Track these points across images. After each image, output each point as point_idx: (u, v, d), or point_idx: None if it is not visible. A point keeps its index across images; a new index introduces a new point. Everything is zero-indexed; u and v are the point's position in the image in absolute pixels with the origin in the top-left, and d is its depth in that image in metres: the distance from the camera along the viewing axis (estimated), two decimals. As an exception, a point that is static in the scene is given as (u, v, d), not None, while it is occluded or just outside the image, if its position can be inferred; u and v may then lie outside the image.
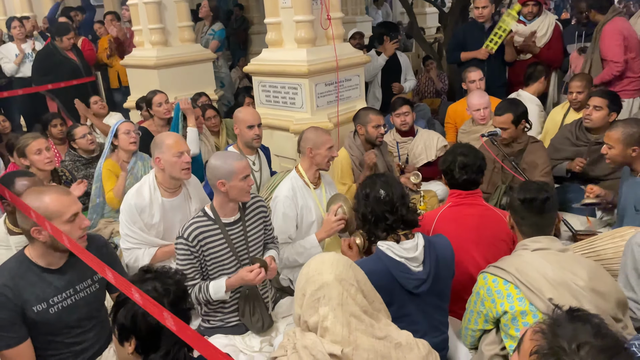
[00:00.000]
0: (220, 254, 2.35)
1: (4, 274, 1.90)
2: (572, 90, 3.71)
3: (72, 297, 1.99)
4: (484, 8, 4.59)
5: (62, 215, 1.88)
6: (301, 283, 1.60)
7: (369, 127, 3.38)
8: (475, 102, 3.85)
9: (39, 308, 1.91)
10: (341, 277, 1.55)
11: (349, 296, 1.53)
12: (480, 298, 1.96)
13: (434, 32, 10.00)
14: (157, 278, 1.50)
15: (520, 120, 3.20)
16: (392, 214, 1.99)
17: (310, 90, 3.79)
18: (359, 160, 3.44)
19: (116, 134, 3.43)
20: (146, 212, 2.70)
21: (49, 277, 1.95)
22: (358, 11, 9.74)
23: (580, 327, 1.15)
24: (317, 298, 1.53)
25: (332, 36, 3.93)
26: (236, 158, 2.33)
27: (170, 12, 5.05)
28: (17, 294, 1.87)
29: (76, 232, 1.92)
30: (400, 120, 3.93)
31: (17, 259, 1.97)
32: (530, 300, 1.82)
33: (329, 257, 1.62)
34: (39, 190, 1.93)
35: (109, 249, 2.22)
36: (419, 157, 3.92)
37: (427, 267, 1.98)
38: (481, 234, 2.36)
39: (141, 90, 4.88)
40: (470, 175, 2.42)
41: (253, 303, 2.39)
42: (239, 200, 2.39)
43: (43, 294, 1.92)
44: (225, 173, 2.26)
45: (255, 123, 3.24)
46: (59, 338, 1.98)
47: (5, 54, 5.55)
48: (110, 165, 3.42)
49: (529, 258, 1.90)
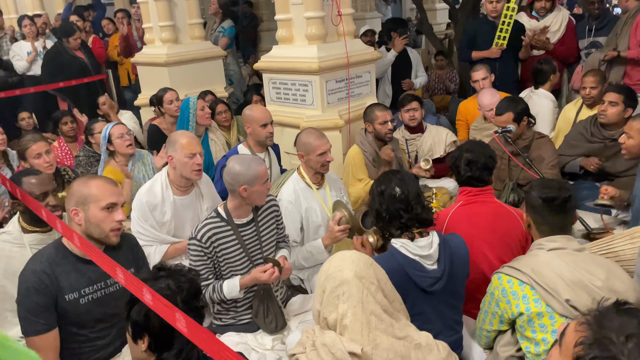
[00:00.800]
0: (233, 255, 2.35)
1: (43, 261, 1.93)
2: (586, 85, 3.65)
3: (102, 290, 2.01)
4: (498, 2, 4.52)
5: (99, 201, 1.91)
6: (321, 279, 1.60)
7: (376, 124, 3.39)
8: (486, 102, 3.81)
9: (70, 297, 1.93)
10: (361, 274, 1.54)
11: (369, 294, 1.52)
12: (495, 299, 1.93)
13: (444, 28, 9.92)
14: (170, 276, 1.49)
15: (522, 117, 3.18)
16: (407, 212, 1.97)
17: (320, 87, 3.77)
18: (372, 157, 3.43)
19: (110, 140, 3.39)
20: (158, 209, 2.71)
21: (83, 267, 1.97)
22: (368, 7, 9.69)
23: (627, 319, 1.13)
24: (337, 295, 1.52)
25: (342, 32, 3.91)
26: (257, 163, 2.32)
27: (180, 9, 5.05)
28: (54, 280, 1.89)
29: (110, 222, 1.94)
30: (408, 115, 3.91)
31: (54, 246, 2.00)
32: (547, 302, 1.79)
33: (350, 254, 1.62)
34: (90, 177, 1.98)
35: (140, 249, 2.25)
36: (428, 153, 3.89)
37: (441, 265, 1.96)
38: (494, 233, 2.33)
39: (151, 88, 4.88)
40: (474, 172, 2.39)
41: (267, 304, 2.38)
42: (256, 204, 2.39)
43: (77, 283, 1.94)
44: (249, 179, 2.26)
45: (268, 121, 3.24)
46: (84, 331, 1.99)
47: (18, 52, 5.58)
48: (110, 173, 3.36)
49: (545, 258, 1.87)
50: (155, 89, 4.47)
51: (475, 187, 2.42)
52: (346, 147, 3.95)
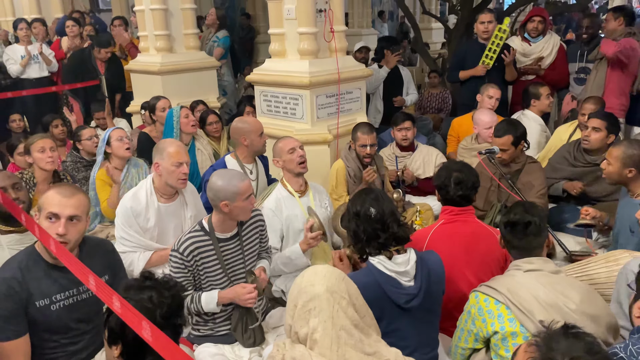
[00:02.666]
0: (212, 270, 2.35)
1: (14, 267, 1.92)
2: (584, 112, 3.69)
3: (74, 297, 2.00)
4: (489, 23, 4.60)
5: (61, 215, 1.88)
6: (294, 293, 1.60)
7: (357, 145, 3.47)
8: (486, 119, 3.83)
9: (41, 303, 1.92)
10: (333, 289, 1.55)
11: (340, 309, 1.53)
12: (472, 317, 1.95)
13: (439, 47, 10.06)
14: (155, 288, 1.49)
15: (520, 141, 3.20)
16: (384, 231, 1.98)
17: (311, 101, 3.80)
18: (354, 172, 3.48)
19: (108, 142, 3.40)
20: (142, 215, 2.71)
21: (54, 273, 1.96)
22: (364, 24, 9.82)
23: (574, 342, 1.18)
24: (309, 309, 1.53)
25: (335, 49, 3.95)
26: (240, 178, 2.32)
27: (176, 19, 5.08)
28: (24, 286, 1.89)
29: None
30: (401, 135, 3.94)
31: (26, 252, 1.99)
32: (521, 322, 1.82)
33: (322, 269, 1.62)
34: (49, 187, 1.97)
35: (116, 256, 2.24)
36: (417, 171, 3.93)
37: (418, 282, 1.97)
38: (473, 252, 2.35)
39: (144, 96, 4.89)
40: (465, 191, 2.41)
41: (246, 320, 2.37)
42: (240, 219, 2.39)
43: (48, 289, 1.93)
44: (229, 194, 2.25)
45: (262, 129, 3.31)
46: (56, 337, 1.98)
47: (11, 55, 5.58)
48: (103, 176, 3.39)
49: (521, 279, 1.90)
50: (148, 96, 4.49)
51: (458, 207, 2.43)
52: (334, 162, 3.97)
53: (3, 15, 8.06)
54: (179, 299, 1.53)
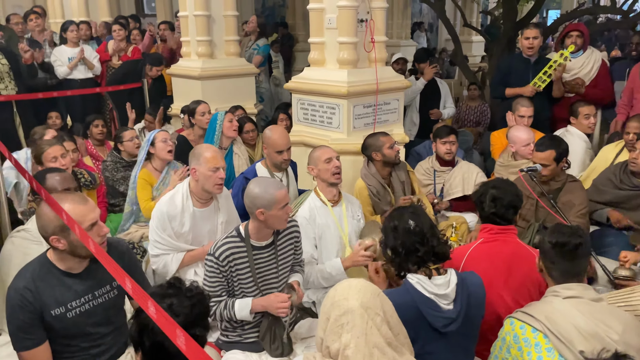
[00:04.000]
0: (244, 277, 2.35)
1: (27, 276, 1.92)
2: (629, 130, 3.57)
3: (90, 302, 2.00)
4: (535, 39, 4.46)
5: (80, 224, 1.88)
6: (326, 306, 1.57)
7: (385, 150, 3.33)
8: (524, 136, 3.72)
9: (57, 312, 1.92)
10: (367, 305, 1.51)
11: (373, 326, 1.49)
12: (507, 345, 1.87)
13: (479, 60, 9.92)
14: (176, 296, 1.48)
15: (562, 158, 3.11)
16: (423, 245, 1.93)
17: (348, 111, 3.78)
18: (377, 189, 3.36)
19: (153, 142, 3.49)
20: (177, 220, 2.74)
21: (68, 281, 1.96)
22: (403, 35, 9.77)
23: None
24: (341, 324, 1.49)
25: (374, 59, 3.93)
26: (276, 187, 2.30)
27: (218, 25, 5.17)
28: (37, 297, 1.88)
29: (95, 239, 1.92)
30: (445, 148, 3.79)
31: (39, 261, 1.99)
32: (560, 352, 1.73)
33: (357, 283, 1.58)
34: (58, 198, 1.93)
35: (130, 256, 2.23)
36: (455, 188, 3.78)
37: (457, 305, 1.89)
38: (513, 274, 2.27)
39: (184, 100, 4.99)
40: (499, 209, 2.34)
41: (274, 330, 2.36)
42: (276, 228, 2.38)
43: (62, 297, 1.93)
44: (265, 203, 2.25)
45: (284, 148, 3.24)
46: (75, 342, 1.99)
47: (59, 57, 5.76)
48: (145, 175, 3.47)
49: (560, 306, 1.81)
50: (187, 100, 4.57)
51: (498, 225, 2.36)
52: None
53: (53, 16, 8.37)
54: (199, 309, 1.50)
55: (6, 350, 2.36)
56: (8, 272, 2.44)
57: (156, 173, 3.51)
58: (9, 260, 2.47)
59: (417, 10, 12.30)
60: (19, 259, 2.42)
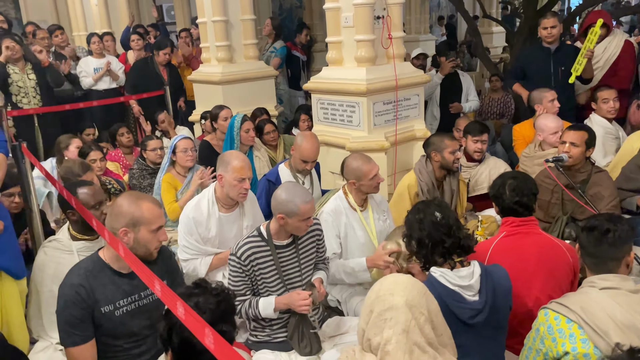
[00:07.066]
0: (269, 275, 2.37)
1: (80, 273, 1.99)
2: None
3: (136, 303, 2.06)
4: (553, 28, 4.38)
5: (150, 224, 1.98)
6: (371, 298, 1.56)
7: (446, 153, 3.23)
8: (553, 124, 3.62)
9: (106, 309, 1.98)
10: (412, 303, 1.50)
11: (416, 325, 1.48)
12: (540, 335, 1.84)
13: (500, 51, 9.75)
14: (203, 295, 1.51)
15: (592, 144, 3.04)
16: (450, 236, 1.93)
17: (368, 108, 3.78)
18: (427, 187, 3.30)
19: (174, 151, 3.56)
20: (203, 225, 2.78)
21: (118, 280, 2.03)
22: (422, 30, 9.69)
23: None
24: (384, 319, 1.49)
25: (392, 55, 3.91)
26: (304, 199, 2.28)
27: (236, 30, 5.22)
28: (91, 293, 1.96)
29: (155, 242, 2.02)
30: (477, 146, 3.69)
31: (92, 259, 2.07)
32: (595, 343, 1.69)
33: (404, 279, 1.58)
34: (138, 196, 2.04)
35: (173, 261, 2.31)
36: (481, 184, 3.68)
37: (483, 296, 1.88)
38: (541, 266, 2.23)
39: (206, 105, 5.06)
40: (522, 197, 2.30)
41: (302, 328, 2.37)
42: (294, 234, 2.40)
43: (112, 295, 2.00)
44: (288, 211, 2.27)
45: (311, 159, 3.25)
46: (119, 342, 2.05)
47: (84, 68, 5.90)
48: (169, 179, 3.55)
49: (596, 297, 1.77)
50: (209, 106, 4.63)
51: (519, 217, 2.33)
52: (391, 169, 3.92)
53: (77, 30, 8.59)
54: (225, 306, 1.54)
55: (44, 355, 2.43)
56: (42, 282, 2.53)
57: (180, 177, 3.59)
58: (42, 270, 2.55)
59: (435, 3, 12.18)
60: (51, 269, 2.50)
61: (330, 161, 3.95)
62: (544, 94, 4.04)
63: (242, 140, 3.92)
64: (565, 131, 3.13)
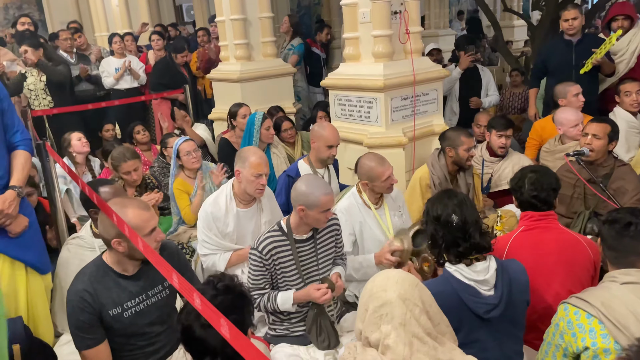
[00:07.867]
0: (288, 270, 2.40)
1: (84, 279, 2.01)
2: None
3: (144, 302, 2.08)
4: (574, 20, 4.30)
5: (141, 230, 1.96)
6: (364, 297, 1.58)
7: (460, 150, 3.21)
8: (573, 117, 3.57)
9: (114, 312, 2.01)
10: (405, 296, 1.51)
11: (412, 317, 1.49)
12: (560, 330, 1.82)
13: (521, 45, 9.61)
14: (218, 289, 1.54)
15: (615, 138, 2.98)
16: (465, 240, 1.88)
17: (385, 104, 3.77)
18: (439, 181, 3.29)
19: (178, 155, 3.58)
20: (221, 221, 2.81)
21: (124, 282, 2.05)
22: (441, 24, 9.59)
23: None
24: (380, 315, 1.50)
25: (410, 50, 3.89)
26: (323, 191, 2.30)
27: (254, 27, 5.25)
28: (96, 298, 1.98)
29: (152, 244, 2.00)
30: (501, 142, 3.63)
31: (95, 264, 2.09)
32: (616, 338, 1.67)
33: (395, 274, 1.58)
34: (122, 204, 2.01)
35: (180, 256, 2.31)
36: (504, 180, 3.62)
37: (499, 291, 1.87)
38: (560, 260, 2.20)
39: (225, 103, 5.10)
40: (541, 192, 2.26)
41: (320, 322, 2.39)
42: (314, 226, 2.42)
43: (118, 298, 2.02)
44: (309, 203, 2.28)
45: (335, 144, 3.29)
46: (132, 340, 2.08)
47: (106, 68, 6.02)
48: (180, 185, 3.56)
49: (617, 292, 1.75)
50: (228, 103, 4.67)
51: (538, 212, 2.29)
52: (409, 165, 3.90)
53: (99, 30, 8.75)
54: (239, 300, 1.56)
55: (69, 349, 2.50)
56: (66, 279, 2.59)
57: (190, 180, 3.59)
58: (66, 267, 2.61)
59: (455, -2, 12.04)
60: (75, 265, 2.54)
61: (348, 157, 3.95)
62: (568, 87, 3.98)
63: (262, 137, 3.95)
64: (588, 123, 3.08)
